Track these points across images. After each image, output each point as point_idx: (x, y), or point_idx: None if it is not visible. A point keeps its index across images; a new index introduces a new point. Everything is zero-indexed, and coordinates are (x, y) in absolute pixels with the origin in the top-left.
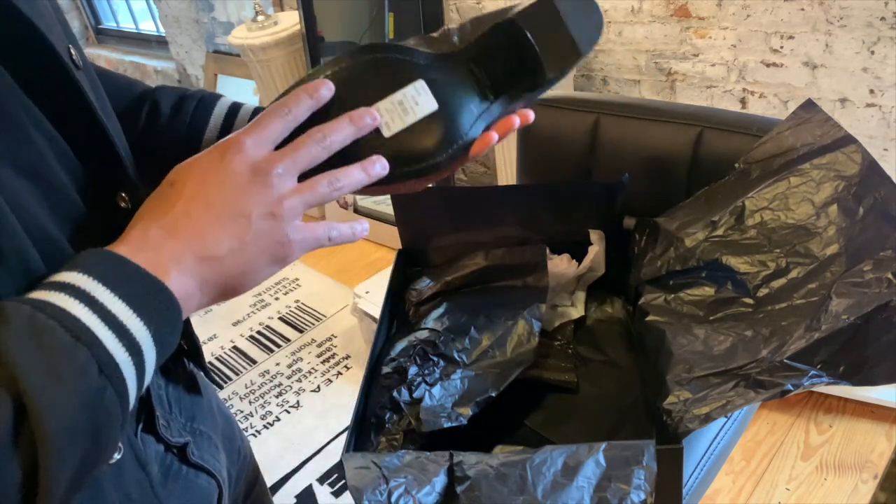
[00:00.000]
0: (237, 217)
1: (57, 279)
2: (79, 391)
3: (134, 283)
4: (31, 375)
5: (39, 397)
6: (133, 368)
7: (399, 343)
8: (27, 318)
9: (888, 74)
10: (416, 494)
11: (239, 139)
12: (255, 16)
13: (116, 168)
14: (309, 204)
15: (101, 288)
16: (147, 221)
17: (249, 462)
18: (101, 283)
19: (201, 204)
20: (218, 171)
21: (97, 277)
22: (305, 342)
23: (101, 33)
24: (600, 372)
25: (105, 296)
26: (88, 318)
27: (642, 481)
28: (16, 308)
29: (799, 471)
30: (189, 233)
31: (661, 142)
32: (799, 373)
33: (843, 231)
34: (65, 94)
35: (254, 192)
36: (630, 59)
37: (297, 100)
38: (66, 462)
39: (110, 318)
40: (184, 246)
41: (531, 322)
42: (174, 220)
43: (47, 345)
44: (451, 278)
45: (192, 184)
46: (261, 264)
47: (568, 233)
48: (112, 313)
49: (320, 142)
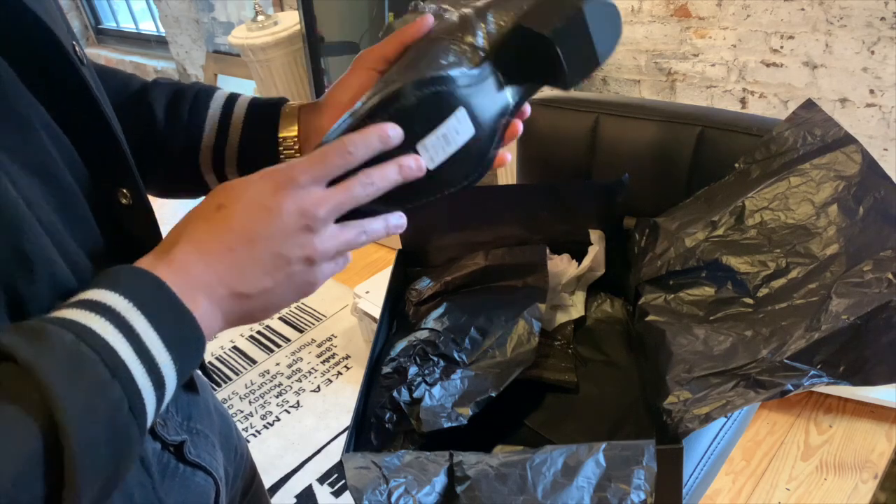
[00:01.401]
0: (277, 259)
1: (97, 298)
2: (109, 426)
3: (169, 314)
4: (70, 409)
5: (75, 433)
6: (154, 402)
7: (399, 343)
8: (70, 348)
9: (888, 74)
10: (416, 494)
11: (295, 175)
12: (255, 16)
13: (119, 164)
14: (344, 247)
15: (139, 317)
16: (188, 244)
17: (246, 461)
18: (139, 310)
19: (245, 240)
20: (268, 208)
21: (137, 304)
22: (305, 342)
23: (101, 33)
24: (600, 372)
25: (142, 326)
26: (126, 351)
27: (642, 481)
28: (59, 335)
29: (799, 471)
30: (228, 267)
31: (661, 142)
32: (799, 373)
33: (843, 231)
34: (70, 90)
35: (299, 237)
36: (630, 59)
37: (366, 142)
38: (87, 494)
39: (144, 352)
40: (219, 279)
41: (531, 322)
42: (216, 251)
43: (87, 378)
44: (451, 278)
45: (239, 214)
46: (286, 301)
47: (568, 233)
48: (146, 347)
49: (367, 187)
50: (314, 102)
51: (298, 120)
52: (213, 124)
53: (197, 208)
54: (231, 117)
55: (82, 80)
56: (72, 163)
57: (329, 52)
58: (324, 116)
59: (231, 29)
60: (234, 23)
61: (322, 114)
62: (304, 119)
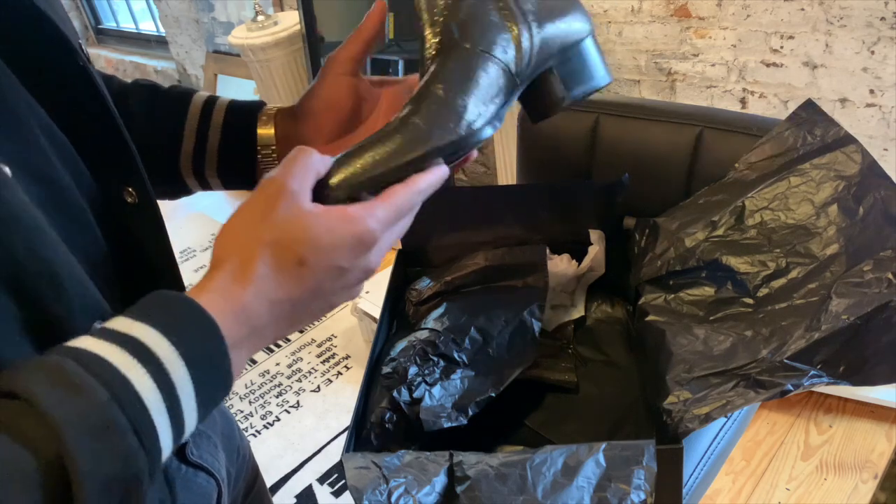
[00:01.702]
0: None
1: (144, 341)
2: (122, 488)
3: (213, 373)
4: (89, 484)
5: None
6: (170, 451)
7: (399, 343)
8: (104, 413)
9: (888, 74)
10: (416, 494)
11: (378, 234)
12: (255, 16)
13: (125, 161)
14: None
15: (183, 373)
16: (262, 295)
17: (248, 461)
18: (186, 366)
19: (314, 296)
20: (344, 270)
21: (185, 359)
22: (305, 342)
23: (101, 33)
24: (600, 372)
25: (182, 380)
26: (159, 411)
27: (642, 481)
28: (94, 392)
29: (799, 471)
30: (287, 320)
31: (661, 142)
32: (799, 373)
33: (843, 231)
34: (77, 87)
35: (359, 284)
36: (630, 59)
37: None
38: None
39: (176, 411)
40: (274, 332)
41: (531, 322)
42: (285, 309)
43: (115, 450)
44: (451, 278)
45: (317, 275)
46: None
47: (568, 233)
48: (180, 406)
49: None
50: (290, 108)
51: (275, 125)
52: (193, 127)
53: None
54: (210, 121)
55: (89, 78)
56: (73, 165)
57: (329, 52)
58: (300, 123)
59: (231, 29)
60: (234, 23)
61: (298, 120)
62: (281, 124)
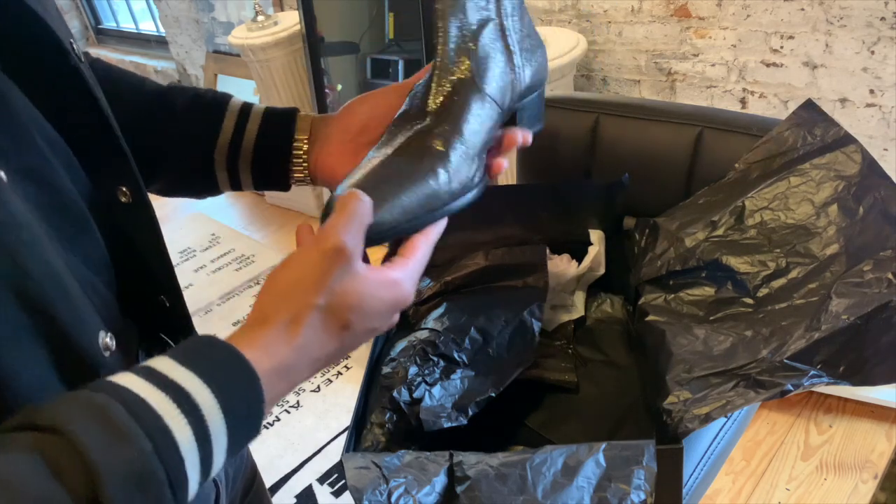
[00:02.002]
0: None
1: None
2: None
3: (248, 425)
4: None
5: None
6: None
7: (399, 343)
8: (145, 463)
9: (888, 74)
10: (416, 494)
11: (411, 296)
12: (255, 16)
13: (118, 161)
14: None
15: (221, 424)
16: (306, 356)
17: (247, 461)
18: (224, 419)
19: (346, 348)
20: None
21: (225, 413)
22: None
23: (101, 33)
24: (600, 372)
25: (218, 431)
26: (192, 463)
27: (642, 481)
28: (138, 441)
29: (799, 471)
30: (317, 369)
31: (661, 142)
32: (799, 373)
33: (843, 231)
34: (69, 87)
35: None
36: (630, 59)
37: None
38: None
39: (208, 461)
40: (303, 378)
41: (531, 322)
42: (320, 361)
43: (150, 492)
44: (451, 278)
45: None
46: None
47: (568, 233)
48: (212, 457)
49: None
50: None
51: (310, 129)
52: (231, 125)
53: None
54: (248, 121)
55: (81, 78)
56: (68, 164)
57: (329, 52)
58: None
59: (231, 29)
60: (234, 23)
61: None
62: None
